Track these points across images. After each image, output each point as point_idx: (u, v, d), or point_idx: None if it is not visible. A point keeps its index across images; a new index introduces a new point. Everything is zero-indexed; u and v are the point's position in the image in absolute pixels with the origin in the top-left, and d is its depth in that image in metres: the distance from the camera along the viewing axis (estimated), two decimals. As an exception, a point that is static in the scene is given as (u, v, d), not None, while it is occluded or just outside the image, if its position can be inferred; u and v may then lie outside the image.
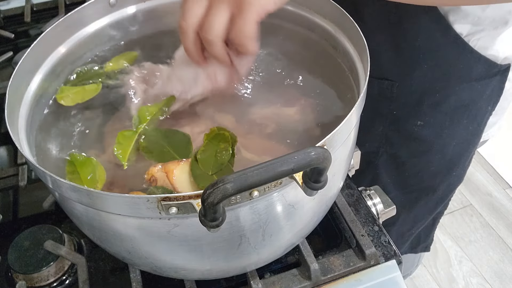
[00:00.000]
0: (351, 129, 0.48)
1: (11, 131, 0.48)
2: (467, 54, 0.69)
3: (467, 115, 0.78)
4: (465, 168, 0.92)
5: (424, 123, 0.80)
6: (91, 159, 0.54)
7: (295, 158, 0.35)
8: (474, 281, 1.63)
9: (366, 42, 0.52)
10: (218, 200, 0.34)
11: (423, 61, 0.72)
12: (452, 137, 0.82)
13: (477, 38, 0.68)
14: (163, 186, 0.50)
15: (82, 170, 0.53)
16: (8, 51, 0.94)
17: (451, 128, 0.80)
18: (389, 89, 0.77)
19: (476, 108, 0.78)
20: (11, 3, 1.08)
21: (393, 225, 0.97)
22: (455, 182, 0.93)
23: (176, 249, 0.47)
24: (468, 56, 0.70)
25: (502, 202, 1.85)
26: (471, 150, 0.88)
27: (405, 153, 0.85)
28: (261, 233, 0.47)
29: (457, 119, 0.79)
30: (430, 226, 1.07)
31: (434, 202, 0.96)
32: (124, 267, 0.60)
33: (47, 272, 0.59)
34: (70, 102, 0.61)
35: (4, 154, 0.80)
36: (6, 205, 0.71)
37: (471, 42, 0.69)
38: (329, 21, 0.61)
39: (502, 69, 0.73)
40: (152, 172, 0.51)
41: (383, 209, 0.66)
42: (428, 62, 0.72)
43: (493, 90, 0.76)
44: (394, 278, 0.58)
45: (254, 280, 0.56)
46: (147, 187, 0.51)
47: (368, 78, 0.50)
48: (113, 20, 0.67)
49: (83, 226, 0.51)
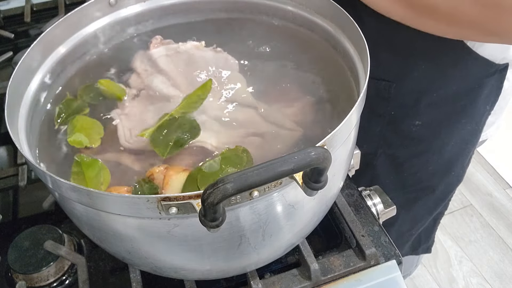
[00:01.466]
0: (351, 129, 0.48)
1: (11, 131, 0.48)
2: (465, 54, 0.69)
3: (465, 115, 0.78)
4: (464, 168, 0.92)
5: (421, 123, 0.79)
6: (97, 161, 0.54)
7: (295, 158, 0.35)
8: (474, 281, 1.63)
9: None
10: (218, 200, 0.34)
11: (421, 61, 0.72)
12: (450, 137, 0.82)
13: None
14: (157, 185, 0.51)
15: (87, 171, 0.53)
16: (8, 51, 0.94)
17: (449, 128, 0.80)
18: (387, 89, 0.77)
19: (474, 107, 0.78)
20: (11, 3, 1.08)
21: (392, 225, 0.97)
22: (454, 182, 0.93)
23: (176, 249, 0.47)
24: (466, 56, 0.70)
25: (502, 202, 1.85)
26: (470, 149, 0.87)
27: (403, 153, 0.85)
28: (261, 233, 0.47)
29: (455, 118, 0.78)
30: (430, 227, 1.06)
31: (434, 202, 0.96)
32: (124, 267, 0.60)
33: (47, 272, 0.59)
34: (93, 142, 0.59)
35: (4, 154, 0.80)
36: (6, 205, 0.71)
37: (469, 42, 0.68)
38: (329, 21, 0.61)
39: (500, 69, 0.73)
40: (153, 171, 0.52)
41: (383, 209, 0.66)
42: (425, 62, 0.72)
43: (491, 90, 0.76)
44: (394, 278, 0.58)
45: (254, 280, 0.56)
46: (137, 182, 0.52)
47: (368, 78, 0.50)
48: (113, 20, 0.67)
49: (83, 226, 0.51)
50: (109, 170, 0.54)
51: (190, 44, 0.66)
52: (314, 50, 0.64)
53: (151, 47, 0.67)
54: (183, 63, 0.65)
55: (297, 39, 0.66)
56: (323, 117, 0.58)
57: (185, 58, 0.65)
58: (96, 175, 0.53)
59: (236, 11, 0.70)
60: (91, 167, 0.53)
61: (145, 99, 0.61)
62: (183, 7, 0.70)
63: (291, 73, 0.63)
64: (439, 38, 0.68)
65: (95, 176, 0.53)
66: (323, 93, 0.60)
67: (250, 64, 0.65)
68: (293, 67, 0.64)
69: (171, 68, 0.65)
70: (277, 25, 0.68)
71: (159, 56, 0.66)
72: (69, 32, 0.64)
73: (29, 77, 0.58)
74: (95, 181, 0.52)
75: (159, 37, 0.67)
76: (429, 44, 0.69)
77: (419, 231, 1.04)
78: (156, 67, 0.65)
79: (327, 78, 0.61)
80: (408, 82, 0.75)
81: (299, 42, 0.65)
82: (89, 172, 0.53)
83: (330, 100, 0.59)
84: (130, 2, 0.67)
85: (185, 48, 0.66)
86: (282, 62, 0.64)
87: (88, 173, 0.53)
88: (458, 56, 0.70)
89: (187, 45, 0.66)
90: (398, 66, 0.74)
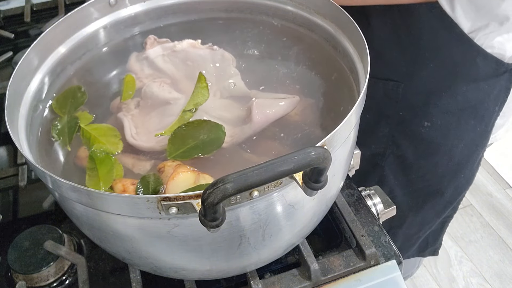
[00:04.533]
0: (351, 129, 0.48)
1: (11, 131, 0.48)
2: (473, 52, 0.68)
3: (474, 116, 0.77)
4: (474, 171, 0.90)
5: (430, 124, 0.79)
6: (110, 157, 0.54)
7: (295, 158, 0.35)
8: (474, 281, 1.63)
9: (371, 43, 0.52)
10: (218, 200, 0.34)
11: (429, 60, 0.71)
12: (460, 139, 0.81)
13: (483, 35, 0.67)
14: (162, 178, 0.51)
15: (101, 167, 0.53)
16: (8, 51, 0.94)
17: (458, 129, 0.79)
18: (395, 90, 0.76)
19: (483, 108, 0.77)
20: (11, 3, 1.08)
21: (400, 228, 0.96)
22: (463, 185, 0.91)
23: (176, 249, 0.47)
24: (474, 54, 0.69)
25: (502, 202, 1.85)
26: (479, 152, 0.86)
27: (411, 154, 0.84)
28: (261, 233, 0.47)
29: (464, 120, 0.78)
30: (438, 230, 1.05)
31: (442, 205, 0.94)
32: (124, 267, 0.60)
33: (47, 272, 0.59)
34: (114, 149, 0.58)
35: (4, 154, 0.80)
36: (6, 205, 0.71)
37: (477, 40, 0.68)
38: (329, 21, 0.61)
39: (509, 68, 0.72)
40: (165, 164, 0.52)
41: (383, 209, 0.66)
42: (433, 61, 0.71)
43: (501, 90, 0.75)
44: (394, 278, 0.58)
45: (254, 280, 0.56)
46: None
47: (368, 78, 0.50)
48: (113, 20, 0.67)
49: (83, 226, 0.51)
50: (122, 166, 0.54)
51: (186, 43, 0.66)
52: (314, 50, 0.64)
53: (146, 47, 0.67)
54: (180, 62, 0.65)
55: (297, 39, 0.66)
56: (323, 117, 0.58)
57: (182, 56, 0.65)
58: (108, 171, 0.53)
59: (236, 11, 0.70)
60: (104, 163, 0.54)
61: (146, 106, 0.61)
62: (183, 7, 0.70)
63: (291, 73, 0.63)
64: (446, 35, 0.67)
65: (107, 172, 0.53)
66: (323, 93, 0.60)
67: (250, 64, 0.65)
68: (293, 67, 0.64)
69: (169, 67, 0.65)
70: (277, 25, 0.67)
71: (156, 56, 0.65)
72: (69, 32, 0.64)
73: (29, 77, 0.58)
74: (108, 177, 0.52)
75: (152, 37, 0.67)
76: (437, 43, 0.69)
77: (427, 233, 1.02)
78: (153, 67, 0.65)
79: (327, 78, 0.61)
80: (417, 82, 0.74)
81: (299, 42, 0.65)
82: (102, 168, 0.53)
83: (330, 100, 0.59)
84: (130, 2, 0.67)
85: (182, 46, 0.66)
86: (282, 62, 0.64)
87: (101, 169, 0.53)
88: (466, 54, 0.69)
89: (183, 44, 0.66)
90: (406, 66, 0.73)
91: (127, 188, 0.51)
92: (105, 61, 0.67)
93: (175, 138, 0.55)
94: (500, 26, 0.66)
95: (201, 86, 0.60)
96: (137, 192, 0.50)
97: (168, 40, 0.67)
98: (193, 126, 0.56)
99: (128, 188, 0.51)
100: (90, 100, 0.62)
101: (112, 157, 0.54)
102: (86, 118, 0.59)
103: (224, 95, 0.61)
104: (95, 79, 0.65)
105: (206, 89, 0.59)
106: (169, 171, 0.51)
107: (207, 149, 0.54)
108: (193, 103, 0.59)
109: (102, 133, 0.57)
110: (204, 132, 0.55)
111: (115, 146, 0.56)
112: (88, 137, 0.57)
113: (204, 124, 0.56)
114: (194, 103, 0.59)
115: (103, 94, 0.63)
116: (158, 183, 0.51)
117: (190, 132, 0.55)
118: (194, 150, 0.54)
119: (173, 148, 0.54)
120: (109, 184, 0.52)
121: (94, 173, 0.53)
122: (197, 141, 0.54)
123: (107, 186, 0.52)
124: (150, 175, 0.51)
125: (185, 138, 0.55)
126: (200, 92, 0.59)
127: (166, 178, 0.50)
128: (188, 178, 0.50)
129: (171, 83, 0.63)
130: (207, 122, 0.56)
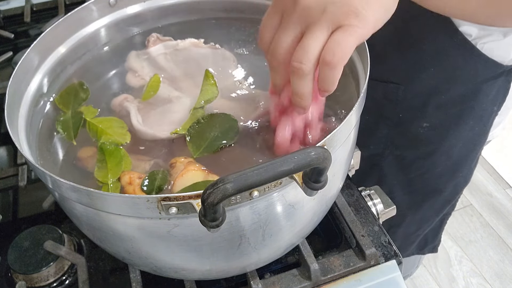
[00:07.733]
0: (351, 129, 0.48)
1: (11, 131, 0.48)
2: (475, 56, 0.68)
3: (472, 116, 0.78)
4: (472, 169, 0.91)
5: (429, 125, 0.79)
6: (120, 149, 0.55)
7: (295, 158, 0.35)
8: (474, 281, 1.63)
9: (372, 45, 0.52)
10: (218, 200, 0.34)
11: (430, 64, 0.71)
12: (458, 139, 0.81)
13: (485, 41, 0.67)
14: (172, 173, 0.51)
15: (110, 159, 0.54)
16: (8, 51, 0.94)
17: (457, 130, 0.79)
18: (395, 92, 0.76)
19: (481, 109, 0.77)
20: (11, 3, 1.08)
21: (399, 227, 0.96)
22: (461, 183, 0.92)
23: (176, 249, 0.47)
24: (475, 58, 0.69)
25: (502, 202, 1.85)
26: (477, 151, 0.87)
27: (410, 155, 0.85)
28: (261, 233, 0.47)
29: (462, 120, 0.78)
30: (437, 227, 1.05)
31: (441, 203, 0.95)
32: (124, 267, 0.60)
33: (47, 272, 0.59)
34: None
35: (4, 154, 0.80)
36: (6, 205, 0.71)
37: (479, 45, 0.68)
38: (329, 21, 0.61)
39: (507, 70, 0.72)
40: (178, 159, 0.52)
41: (383, 209, 0.66)
42: (434, 65, 0.71)
43: (499, 91, 0.75)
44: (394, 278, 0.58)
45: (254, 280, 0.56)
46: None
47: (368, 78, 0.50)
48: (113, 20, 0.67)
49: (82, 226, 0.51)
50: (131, 159, 0.54)
51: (189, 42, 0.66)
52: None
53: (149, 45, 0.67)
54: (182, 60, 0.65)
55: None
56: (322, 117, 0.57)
57: (184, 55, 0.65)
58: (117, 164, 0.53)
59: (236, 11, 0.70)
60: (113, 155, 0.54)
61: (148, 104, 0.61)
62: (183, 7, 0.70)
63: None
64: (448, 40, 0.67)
65: (116, 165, 0.53)
66: (323, 93, 0.60)
67: (250, 64, 0.65)
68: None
69: (170, 66, 0.65)
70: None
71: (157, 55, 0.66)
72: (69, 32, 0.64)
73: (29, 77, 0.58)
74: (116, 169, 0.53)
75: (155, 34, 0.67)
76: (437, 46, 0.69)
77: (426, 231, 1.03)
78: (155, 65, 0.65)
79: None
80: (416, 84, 0.74)
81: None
82: (111, 160, 0.53)
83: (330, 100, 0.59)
84: (130, 2, 0.67)
85: (184, 45, 0.66)
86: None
87: (110, 161, 0.53)
88: (466, 57, 0.69)
89: (186, 43, 0.66)
90: (406, 68, 0.74)
91: (133, 181, 0.51)
92: (105, 61, 0.67)
93: (193, 137, 0.55)
94: (503, 37, 0.67)
95: (209, 83, 0.60)
96: (142, 185, 0.50)
97: (171, 38, 0.67)
98: (205, 122, 0.56)
99: (134, 181, 0.51)
100: (90, 100, 0.62)
101: (121, 149, 0.55)
102: (91, 112, 0.60)
103: (226, 94, 0.61)
104: (95, 79, 0.65)
105: (214, 86, 0.60)
106: (180, 168, 0.51)
107: (228, 136, 0.55)
108: (204, 100, 0.59)
109: (108, 126, 0.57)
110: (218, 123, 0.56)
111: (123, 137, 0.56)
112: (95, 130, 0.57)
113: (215, 117, 0.57)
114: (205, 100, 0.59)
115: (103, 94, 0.63)
116: (164, 181, 0.51)
117: (204, 127, 0.56)
118: (216, 142, 0.54)
119: (194, 147, 0.54)
120: (117, 176, 0.52)
121: (103, 165, 0.53)
122: (215, 132, 0.55)
123: (115, 178, 0.52)
124: (159, 171, 0.52)
125: (202, 134, 0.55)
126: (210, 89, 0.60)
127: (176, 174, 0.50)
128: (197, 177, 0.50)
129: (172, 81, 0.63)
130: (216, 114, 0.57)
